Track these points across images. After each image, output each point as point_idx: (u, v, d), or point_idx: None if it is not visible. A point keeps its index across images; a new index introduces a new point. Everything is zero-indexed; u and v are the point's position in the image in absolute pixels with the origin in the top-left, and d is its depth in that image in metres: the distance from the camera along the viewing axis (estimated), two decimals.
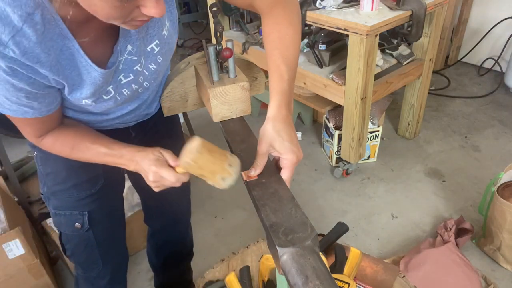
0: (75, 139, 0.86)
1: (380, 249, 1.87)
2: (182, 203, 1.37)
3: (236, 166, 0.74)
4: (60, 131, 0.85)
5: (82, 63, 0.72)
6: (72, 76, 0.73)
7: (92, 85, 0.76)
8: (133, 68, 0.82)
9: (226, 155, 0.73)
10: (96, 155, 0.86)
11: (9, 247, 1.50)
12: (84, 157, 0.87)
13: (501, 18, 3.02)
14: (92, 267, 1.15)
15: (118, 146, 0.85)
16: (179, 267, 1.54)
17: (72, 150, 0.86)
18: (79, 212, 1.03)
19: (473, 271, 1.61)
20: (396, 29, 1.99)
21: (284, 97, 0.78)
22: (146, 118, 1.07)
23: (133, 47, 0.79)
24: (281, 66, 0.79)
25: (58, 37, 0.67)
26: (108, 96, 0.82)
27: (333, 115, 2.31)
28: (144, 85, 0.89)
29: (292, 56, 0.82)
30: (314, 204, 2.15)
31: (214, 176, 0.72)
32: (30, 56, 0.64)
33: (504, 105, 2.87)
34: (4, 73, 0.65)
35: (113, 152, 0.84)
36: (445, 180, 2.24)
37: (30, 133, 0.83)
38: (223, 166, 0.71)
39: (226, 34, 2.74)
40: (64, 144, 0.86)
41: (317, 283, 0.55)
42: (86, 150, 0.85)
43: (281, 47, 0.81)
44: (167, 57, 0.89)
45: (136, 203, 1.81)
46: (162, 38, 0.83)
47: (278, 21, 0.83)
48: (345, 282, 1.36)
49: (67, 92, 0.75)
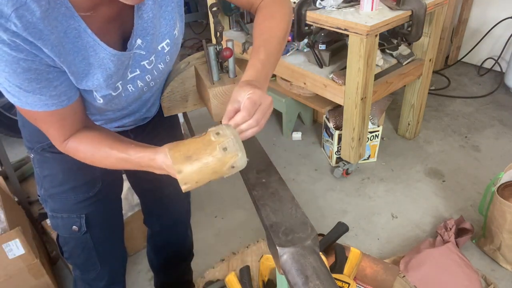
0: (95, 145, 0.80)
1: (380, 249, 1.87)
2: (182, 205, 1.37)
3: (227, 135, 0.65)
4: (82, 135, 0.81)
5: (90, 43, 0.70)
6: (76, 62, 0.70)
7: (101, 69, 0.73)
8: (140, 63, 0.81)
9: (208, 140, 0.64)
10: (116, 162, 0.79)
11: (9, 247, 1.50)
12: (105, 163, 0.81)
13: (501, 18, 3.02)
14: (90, 269, 1.14)
15: (135, 151, 0.77)
16: (179, 267, 1.54)
17: (93, 156, 0.81)
18: (76, 215, 1.03)
19: (473, 271, 1.61)
20: (396, 29, 1.99)
21: (256, 72, 0.78)
22: (145, 122, 1.07)
23: (143, 41, 0.78)
24: (260, 48, 0.82)
25: (63, 17, 0.65)
26: (116, 93, 0.81)
27: (333, 115, 2.31)
28: (150, 84, 0.88)
29: (274, 39, 0.85)
30: (314, 204, 2.15)
31: (220, 171, 0.65)
32: (33, 31, 0.62)
33: (504, 105, 2.87)
34: (9, 48, 0.62)
35: (131, 158, 0.77)
36: (445, 180, 2.24)
37: (55, 136, 0.79)
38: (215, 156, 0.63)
39: (226, 34, 2.74)
40: (86, 150, 0.81)
41: (317, 283, 0.55)
42: (106, 157, 0.80)
43: (265, 32, 0.85)
44: (174, 57, 0.89)
45: (136, 203, 1.81)
46: (173, 37, 0.84)
47: (270, 13, 0.88)
48: (345, 282, 1.36)
49: (74, 80, 0.72)
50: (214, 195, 2.24)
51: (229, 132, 0.65)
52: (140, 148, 0.76)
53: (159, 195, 1.28)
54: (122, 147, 0.78)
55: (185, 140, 0.67)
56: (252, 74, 0.78)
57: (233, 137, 0.64)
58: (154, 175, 0.79)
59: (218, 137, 0.64)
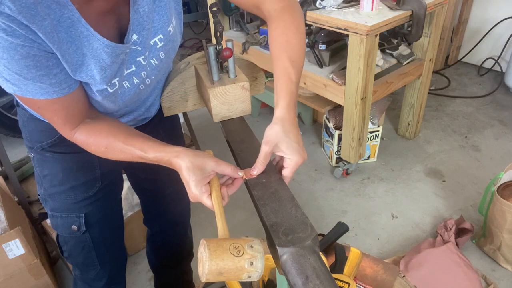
0: (108, 138, 0.80)
1: (380, 249, 1.87)
2: (182, 205, 1.37)
3: (258, 251, 0.66)
4: (93, 126, 0.81)
5: (84, 33, 0.70)
6: (70, 52, 0.70)
7: (95, 60, 0.73)
8: (136, 59, 0.81)
9: (241, 266, 0.64)
10: (131, 158, 0.79)
11: (9, 247, 1.50)
12: (120, 156, 0.81)
13: (501, 18, 3.02)
14: (89, 269, 1.14)
15: (153, 150, 0.77)
16: (179, 267, 1.54)
17: (106, 150, 0.80)
18: (75, 214, 1.03)
19: (473, 271, 1.61)
20: (396, 29, 1.99)
21: (292, 99, 0.78)
22: (144, 123, 1.07)
23: (138, 37, 0.78)
24: (289, 69, 0.80)
25: (57, 5, 0.65)
26: (113, 89, 0.80)
27: (333, 115, 2.31)
28: (146, 82, 0.88)
29: (299, 60, 0.83)
30: (314, 204, 2.15)
31: (236, 278, 0.65)
32: (27, 14, 0.61)
33: (504, 105, 2.87)
34: (5, 34, 0.61)
35: (148, 157, 0.77)
36: (445, 180, 2.24)
37: (59, 123, 0.79)
38: (242, 265, 0.64)
39: (226, 34, 2.74)
40: (97, 143, 0.80)
41: (317, 283, 0.55)
42: (120, 152, 0.80)
43: (289, 50, 0.82)
44: (170, 55, 0.89)
45: (136, 203, 1.81)
46: (167, 34, 0.83)
47: (286, 25, 0.84)
48: (345, 282, 1.36)
49: (69, 70, 0.72)
50: None
51: (261, 248, 0.67)
52: (158, 146, 0.77)
53: (159, 196, 1.28)
54: (138, 143, 0.78)
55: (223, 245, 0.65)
56: (290, 102, 0.77)
57: (261, 255, 0.66)
58: (154, 176, 0.79)
59: (250, 252, 0.65)
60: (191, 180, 0.72)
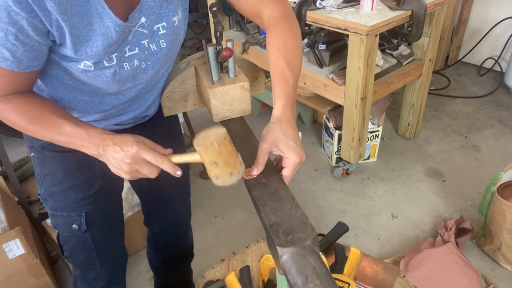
0: (42, 111, 0.77)
1: (380, 249, 1.87)
2: (182, 205, 1.37)
3: (243, 166, 0.73)
4: (26, 97, 0.78)
5: (98, 9, 0.71)
6: (80, 26, 0.70)
7: (103, 37, 0.73)
8: (141, 42, 0.82)
9: (237, 152, 0.71)
10: (57, 132, 0.76)
11: (9, 247, 1.50)
12: (41, 132, 0.78)
13: (501, 18, 3.02)
14: (90, 269, 1.14)
15: (88, 125, 0.77)
16: (179, 267, 1.54)
17: (32, 121, 0.77)
18: (76, 213, 1.03)
19: (473, 271, 1.61)
20: (396, 29, 1.99)
21: (289, 100, 0.79)
22: (144, 120, 1.07)
23: (147, 20, 0.79)
24: (286, 72, 0.82)
25: None
26: (109, 64, 0.79)
27: (333, 115, 2.31)
28: (142, 66, 0.87)
29: (296, 65, 0.85)
30: (314, 204, 2.15)
31: (225, 168, 0.69)
32: None
33: (504, 105, 2.87)
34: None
35: (78, 131, 0.75)
36: (445, 180, 2.24)
37: None
38: (236, 161, 0.70)
39: (226, 34, 2.74)
40: (25, 113, 0.77)
41: (317, 283, 0.55)
42: (50, 124, 0.76)
43: (286, 55, 0.84)
44: (171, 48, 0.89)
45: (136, 203, 1.81)
46: (171, 23, 0.84)
47: (284, 33, 0.87)
48: (345, 282, 1.36)
49: (72, 45, 0.72)
50: (214, 195, 2.24)
51: (243, 170, 0.73)
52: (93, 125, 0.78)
53: (160, 196, 1.28)
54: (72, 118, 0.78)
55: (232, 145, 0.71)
56: (287, 103, 0.79)
57: (241, 176, 0.73)
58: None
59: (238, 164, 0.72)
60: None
